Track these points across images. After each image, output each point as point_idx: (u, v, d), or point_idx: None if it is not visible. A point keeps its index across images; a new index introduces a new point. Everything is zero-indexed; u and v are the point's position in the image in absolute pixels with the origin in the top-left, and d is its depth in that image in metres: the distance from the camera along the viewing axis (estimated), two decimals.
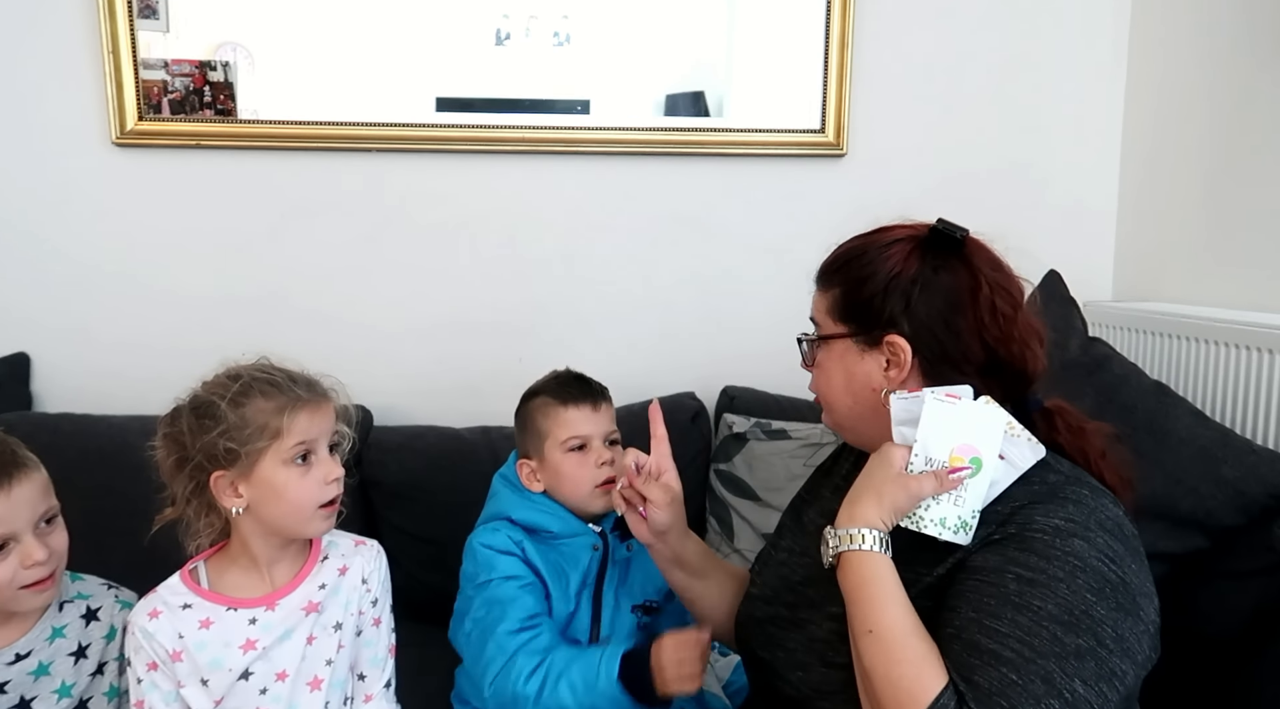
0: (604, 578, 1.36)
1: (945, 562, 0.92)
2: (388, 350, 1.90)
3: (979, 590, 0.88)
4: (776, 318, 1.92)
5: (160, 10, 1.77)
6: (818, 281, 1.08)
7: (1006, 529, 0.90)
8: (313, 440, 1.16)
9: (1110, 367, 1.40)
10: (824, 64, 1.84)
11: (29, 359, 1.85)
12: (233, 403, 1.14)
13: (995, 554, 0.89)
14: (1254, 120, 1.54)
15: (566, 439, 1.35)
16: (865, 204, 1.87)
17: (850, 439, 1.10)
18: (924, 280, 0.99)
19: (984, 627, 0.85)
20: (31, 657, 1.17)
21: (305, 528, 1.18)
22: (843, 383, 1.04)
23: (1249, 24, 1.55)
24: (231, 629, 1.18)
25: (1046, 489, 0.93)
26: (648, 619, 1.38)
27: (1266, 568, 1.18)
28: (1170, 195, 1.77)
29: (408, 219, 1.88)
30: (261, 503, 1.16)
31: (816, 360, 1.07)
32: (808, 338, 1.09)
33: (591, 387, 1.41)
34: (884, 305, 1.00)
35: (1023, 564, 0.87)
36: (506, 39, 1.83)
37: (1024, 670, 0.82)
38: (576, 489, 1.36)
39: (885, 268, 1.01)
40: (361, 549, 1.27)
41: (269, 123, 1.81)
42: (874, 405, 1.00)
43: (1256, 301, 1.51)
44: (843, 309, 1.03)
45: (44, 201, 1.82)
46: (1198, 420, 1.30)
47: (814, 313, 1.08)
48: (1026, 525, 0.90)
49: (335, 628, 1.21)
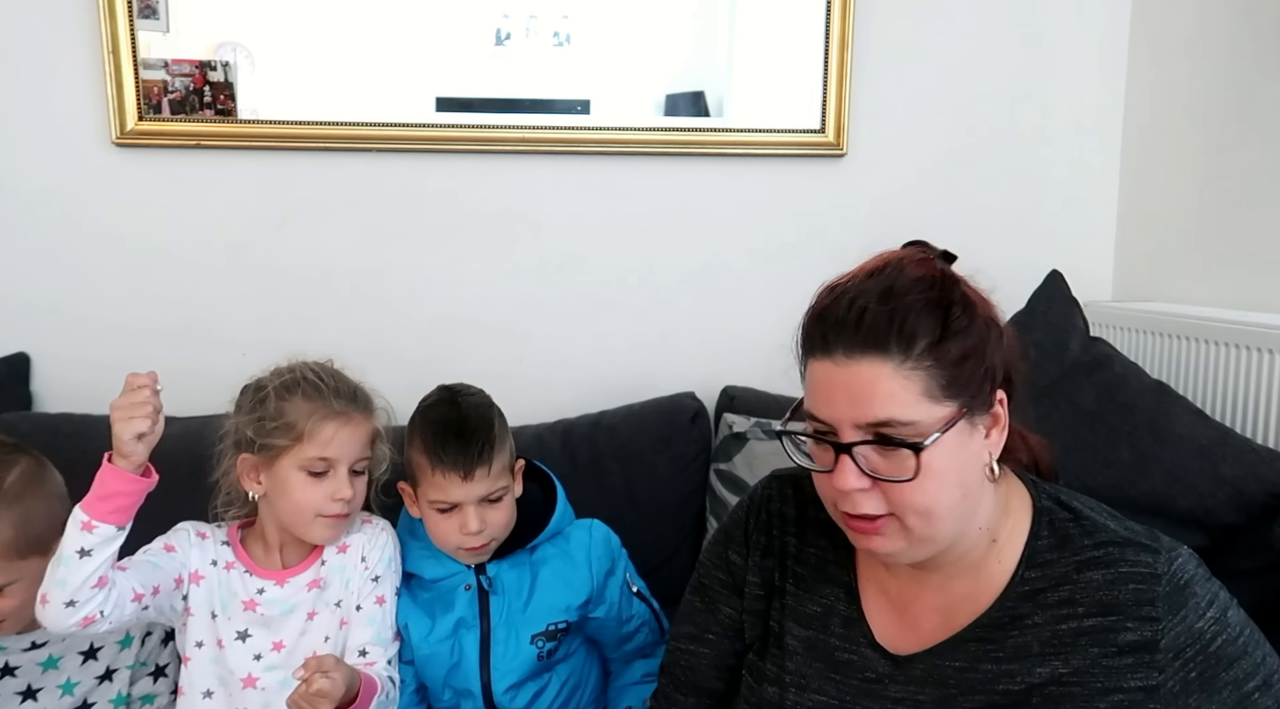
0: (488, 614, 1.27)
1: None
2: (387, 350, 1.89)
3: None
4: (776, 318, 1.92)
5: (160, 10, 1.77)
6: (857, 352, 0.79)
7: (1185, 670, 0.82)
8: (334, 458, 1.18)
9: (1110, 366, 1.41)
10: (824, 64, 1.84)
11: (29, 359, 1.85)
12: (277, 394, 1.18)
13: (1212, 697, 0.83)
14: (1254, 120, 1.54)
15: (434, 500, 1.22)
16: (865, 204, 1.91)
17: (930, 553, 0.85)
18: (991, 318, 0.84)
19: None
20: (44, 648, 1.18)
21: (306, 532, 1.20)
22: (957, 478, 0.81)
23: (1249, 25, 1.55)
24: (242, 585, 1.21)
25: (1165, 590, 0.83)
26: (552, 644, 1.29)
27: (1266, 567, 1.18)
28: (1170, 195, 1.77)
29: (407, 219, 1.88)
30: (273, 496, 1.19)
31: (921, 467, 0.78)
32: (907, 442, 0.78)
33: (469, 450, 1.19)
34: (988, 359, 0.81)
35: (1241, 680, 0.83)
36: (506, 39, 1.83)
37: None
38: (441, 544, 1.26)
39: (972, 317, 0.82)
40: (366, 527, 1.29)
41: (269, 123, 1.81)
42: (979, 489, 0.84)
43: (1256, 301, 1.51)
44: (949, 382, 0.80)
45: (44, 201, 1.82)
46: (1197, 419, 1.30)
47: (892, 405, 0.78)
48: (1193, 647, 0.82)
49: (336, 605, 1.23)
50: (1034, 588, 0.86)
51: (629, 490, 1.67)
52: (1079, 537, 0.87)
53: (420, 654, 1.28)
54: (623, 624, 1.36)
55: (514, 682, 1.27)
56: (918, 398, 0.78)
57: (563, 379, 1.90)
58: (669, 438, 1.72)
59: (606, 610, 1.32)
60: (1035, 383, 1.37)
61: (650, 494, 1.69)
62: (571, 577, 1.31)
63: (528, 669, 1.27)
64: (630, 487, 1.67)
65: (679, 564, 1.73)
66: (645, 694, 1.32)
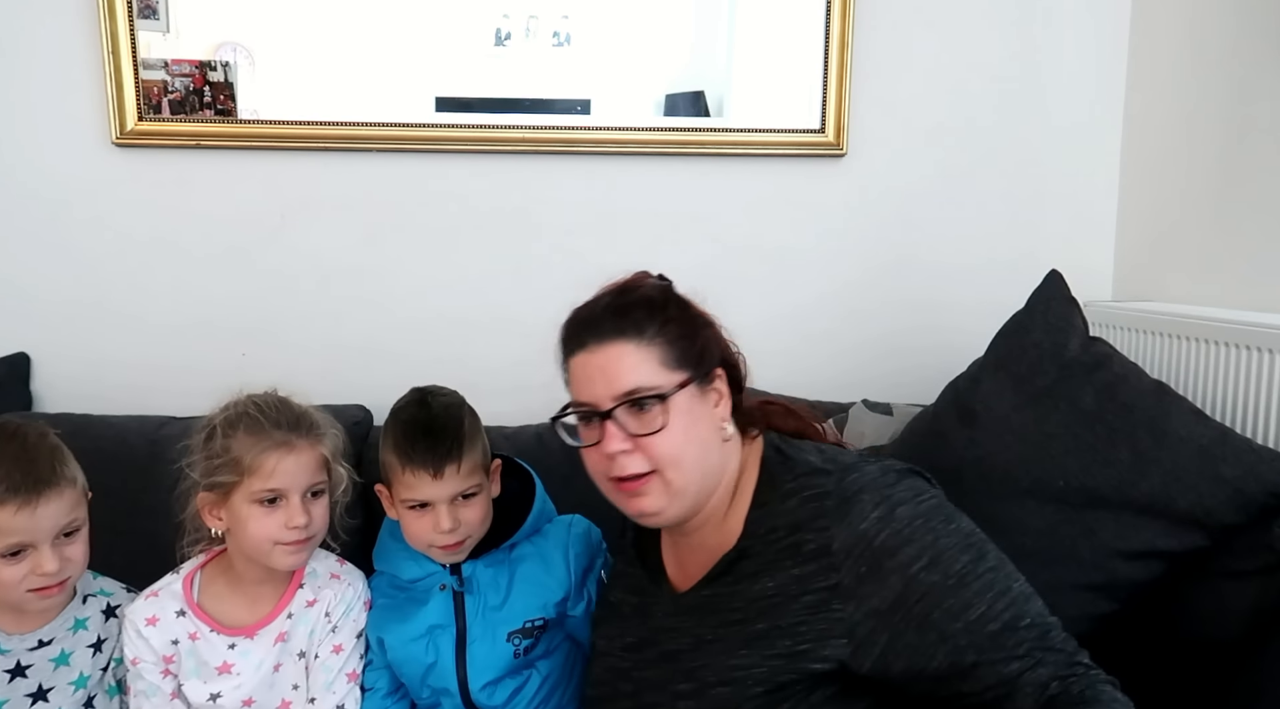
0: (464, 615, 1.27)
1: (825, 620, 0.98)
2: (387, 350, 1.90)
3: (925, 613, 0.94)
4: (776, 318, 1.93)
5: (160, 10, 1.77)
6: (606, 338, 1.05)
7: (856, 566, 0.96)
8: (282, 488, 1.18)
9: (1110, 366, 1.40)
10: (824, 64, 1.84)
11: (29, 359, 1.85)
12: (222, 431, 1.19)
13: (882, 583, 0.95)
14: (1254, 120, 1.54)
15: (405, 499, 1.23)
16: (865, 204, 1.91)
17: (685, 514, 1.08)
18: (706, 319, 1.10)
19: (970, 624, 0.92)
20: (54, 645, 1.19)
21: (267, 560, 1.22)
22: (696, 433, 1.05)
23: (1249, 24, 1.55)
24: (214, 648, 1.23)
25: (832, 503, 1.00)
26: (529, 641, 1.28)
27: (1266, 567, 1.18)
28: (1170, 195, 1.77)
29: (407, 219, 1.88)
30: (234, 530, 1.21)
31: (668, 419, 1.02)
32: (642, 397, 1.02)
33: (437, 448, 1.19)
34: (700, 339, 1.07)
35: (907, 564, 0.95)
36: (506, 39, 1.83)
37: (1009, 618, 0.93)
38: (415, 543, 1.26)
39: (687, 311, 1.09)
40: (334, 583, 1.29)
41: (269, 123, 1.81)
42: (719, 448, 1.07)
43: (1256, 301, 1.50)
44: (677, 356, 1.05)
45: (44, 201, 1.83)
46: (1197, 419, 1.30)
47: (637, 374, 1.03)
48: (859, 545, 0.97)
49: (299, 656, 1.25)
50: (756, 526, 1.05)
51: None
52: (782, 472, 1.06)
53: (395, 657, 1.28)
54: None
55: (490, 679, 1.26)
56: (657, 367, 1.02)
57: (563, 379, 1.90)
58: None
59: (585, 607, 1.31)
60: (1034, 383, 1.37)
61: None
62: (548, 574, 1.30)
63: (505, 667, 1.27)
64: None
65: None
66: None
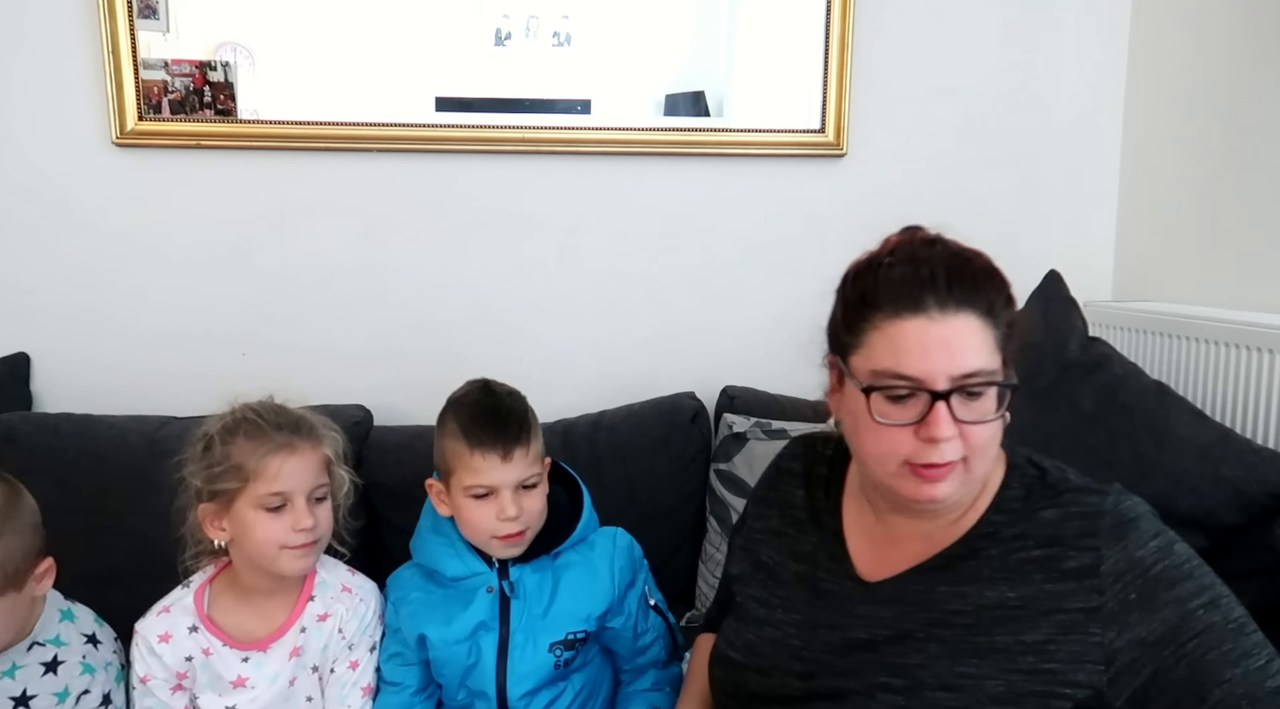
0: (508, 619, 1.26)
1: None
2: (387, 350, 1.90)
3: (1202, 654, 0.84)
4: (776, 318, 1.93)
5: (160, 10, 1.77)
6: (951, 308, 0.86)
7: (1124, 592, 0.86)
8: (287, 491, 1.18)
9: (1110, 366, 1.40)
10: (824, 64, 1.84)
11: (29, 359, 1.85)
12: (221, 439, 1.18)
13: (1153, 614, 0.86)
14: (1253, 120, 1.54)
15: (470, 485, 1.22)
16: (865, 204, 1.91)
17: (962, 503, 0.95)
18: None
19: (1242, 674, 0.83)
20: None
21: (274, 566, 1.21)
22: (1001, 422, 0.91)
23: (1248, 24, 1.55)
24: (227, 663, 1.22)
25: (1108, 523, 0.89)
26: (570, 654, 1.28)
27: (1266, 568, 1.18)
28: (1170, 195, 1.77)
29: (407, 219, 1.88)
30: (238, 539, 1.20)
31: (991, 410, 0.88)
32: (982, 382, 0.87)
33: (507, 431, 1.21)
34: (1018, 326, 0.91)
35: (1185, 599, 0.85)
36: (506, 39, 1.83)
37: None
38: (475, 534, 1.25)
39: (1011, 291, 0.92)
40: (346, 596, 1.28)
41: (269, 123, 1.81)
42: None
43: (1256, 301, 1.50)
44: (1003, 340, 0.89)
45: (44, 201, 1.82)
46: (1198, 420, 1.30)
47: (974, 352, 0.86)
48: (1132, 570, 0.87)
49: (313, 670, 1.25)
50: (995, 529, 0.94)
51: (629, 490, 1.67)
52: (1040, 489, 0.95)
53: (437, 655, 1.27)
54: (637, 636, 1.35)
55: (530, 688, 1.26)
56: (994, 350, 0.88)
57: (563, 379, 1.90)
58: (669, 438, 1.72)
59: (623, 621, 1.32)
60: (1034, 384, 1.37)
61: (650, 494, 1.69)
62: (593, 586, 1.29)
63: (544, 677, 1.26)
64: (630, 487, 1.67)
65: (679, 564, 1.73)
66: (653, 700, 1.33)
